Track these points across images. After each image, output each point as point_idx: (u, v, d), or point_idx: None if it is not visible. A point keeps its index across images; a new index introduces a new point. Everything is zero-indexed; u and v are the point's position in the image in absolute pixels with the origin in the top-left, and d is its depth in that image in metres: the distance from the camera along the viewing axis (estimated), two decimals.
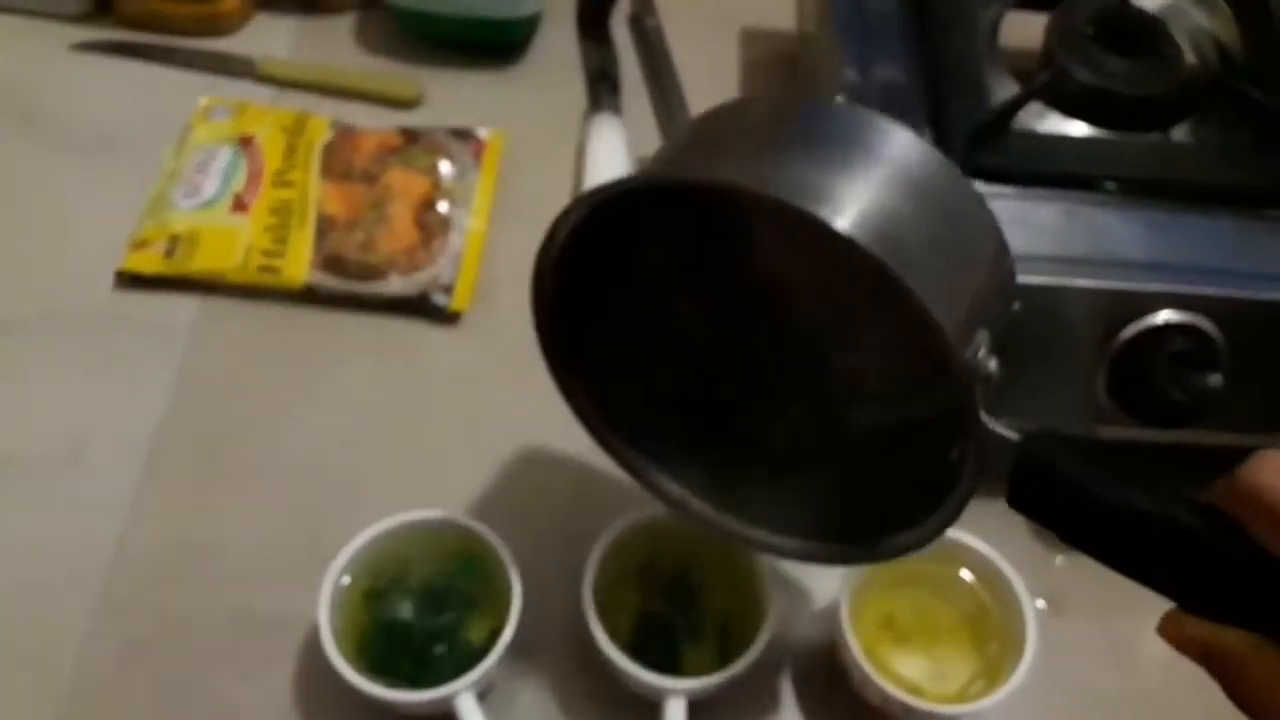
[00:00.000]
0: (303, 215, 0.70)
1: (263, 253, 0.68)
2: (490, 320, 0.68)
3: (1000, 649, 0.54)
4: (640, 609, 0.55)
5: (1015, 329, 0.43)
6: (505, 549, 0.53)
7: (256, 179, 0.71)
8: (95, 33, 0.81)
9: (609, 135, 0.75)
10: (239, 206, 0.70)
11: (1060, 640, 0.56)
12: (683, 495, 0.52)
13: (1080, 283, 0.55)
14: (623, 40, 0.81)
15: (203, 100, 0.76)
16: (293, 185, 0.71)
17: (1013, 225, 0.56)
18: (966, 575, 0.56)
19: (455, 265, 0.69)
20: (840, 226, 0.36)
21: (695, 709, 0.52)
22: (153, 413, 0.63)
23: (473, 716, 0.50)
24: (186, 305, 0.68)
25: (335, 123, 0.75)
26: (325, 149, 0.73)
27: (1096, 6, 0.64)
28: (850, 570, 0.53)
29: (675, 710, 0.51)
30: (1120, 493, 0.37)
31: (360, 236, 0.69)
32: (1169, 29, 0.64)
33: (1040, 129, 0.61)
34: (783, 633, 0.55)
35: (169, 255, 0.68)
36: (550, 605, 0.55)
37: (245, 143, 0.73)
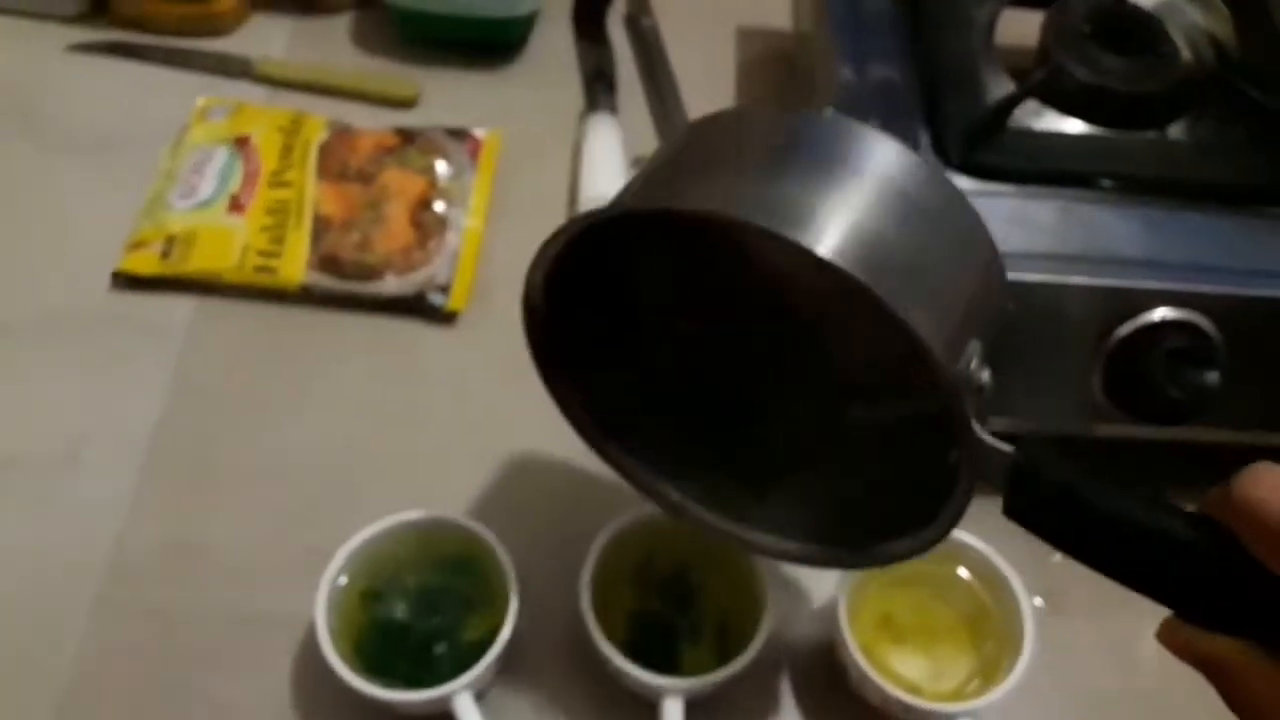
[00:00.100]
0: (299, 215, 0.70)
1: (259, 253, 0.68)
2: (487, 320, 0.68)
3: (998, 647, 0.54)
4: (638, 608, 0.55)
5: (1011, 327, 0.43)
6: (502, 549, 0.53)
7: (253, 179, 0.71)
8: (91, 33, 0.81)
9: (605, 135, 0.75)
10: (235, 207, 0.70)
11: (1058, 638, 0.56)
12: (681, 500, 0.52)
13: (1077, 280, 0.55)
14: (619, 40, 0.81)
15: (199, 100, 0.76)
16: (289, 185, 0.71)
17: (1009, 223, 0.57)
18: (964, 574, 0.56)
19: (452, 265, 0.69)
20: (823, 252, 0.36)
21: (693, 708, 0.52)
22: (150, 413, 0.63)
23: (470, 716, 0.50)
24: (183, 306, 0.68)
25: (332, 123, 0.75)
26: (321, 149, 0.73)
27: (1093, 4, 0.64)
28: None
29: (673, 709, 0.51)
30: (1116, 503, 0.37)
31: (357, 236, 0.69)
32: (1165, 26, 0.64)
33: (1036, 127, 0.61)
34: (781, 632, 0.56)
35: (165, 256, 0.68)
36: (548, 605, 0.55)
37: (241, 143, 0.73)
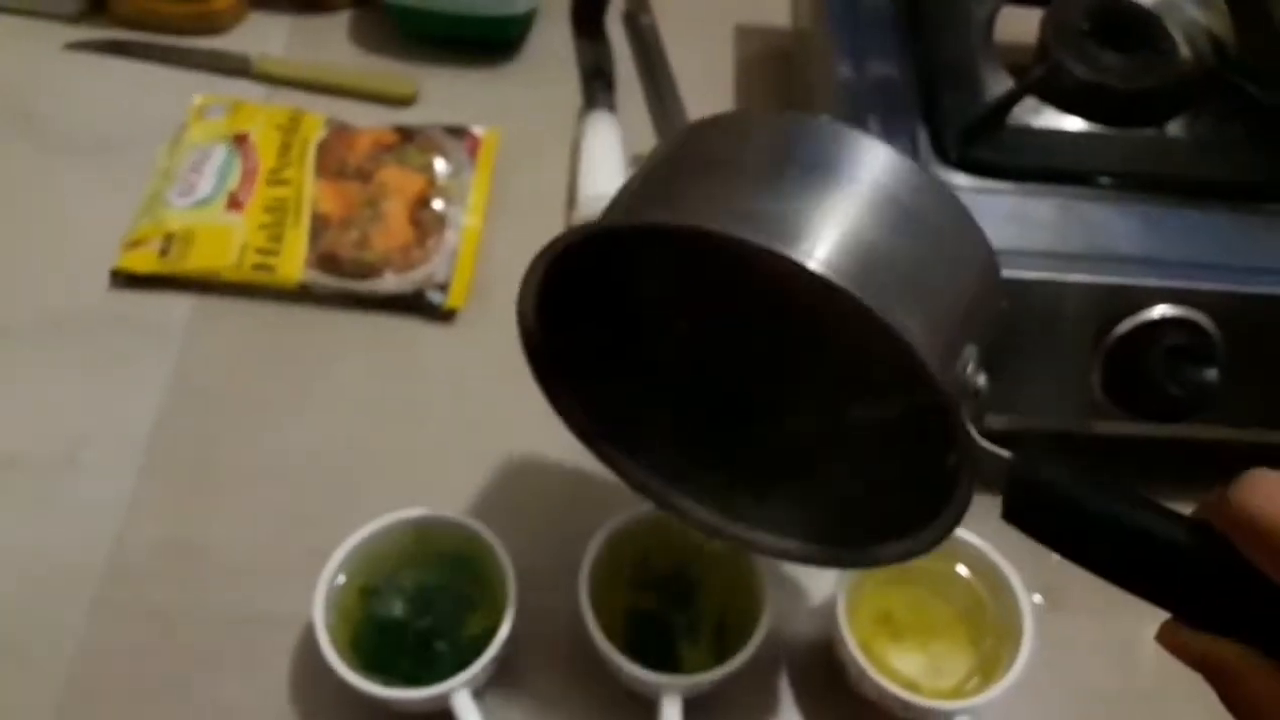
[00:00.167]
0: (297, 213, 0.70)
1: (257, 251, 0.68)
2: (486, 318, 0.68)
3: (997, 644, 0.54)
4: (636, 607, 0.55)
5: (1010, 325, 0.43)
6: (501, 547, 0.53)
7: (251, 177, 0.71)
8: (90, 32, 0.81)
9: (604, 132, 0.75)
10: (234, 205, 0.70)
11: (1057, 635, 0.56)
12: (681, 501, 0.52)
13: (1075, 278, 0.55)
14: (617, 37, 0.81)
15: (197, 99, 0.76)
16: (287, 183, 0.71)
17: (1008, 221, 0.57)
18: (963, 571, 0.56)
19: (450, 263, 0.69)
20: (814, 266, 0.36)
21: (692, 706, 0.52)
22: (148, 412, 0.63)
23: (469, 714, 0.50)
24: (181, 304, 0.68)
25: (330, 120, 0.75)
26: (320, 147, 0.73)
27: (1092, 1, 0.64)
28: None
29: (671, 707, 0.51)
30: (1113, 508, 0.37)
31: (355, 234, 0.69)
32: (1164, 23, 0.64)
33: (1035, 124, 0.61)
34: (779, 629, 0.56)
35: (164, 254, 0.68)
36: (546, 603, 0.54)
37: (240, 141, 0.73)
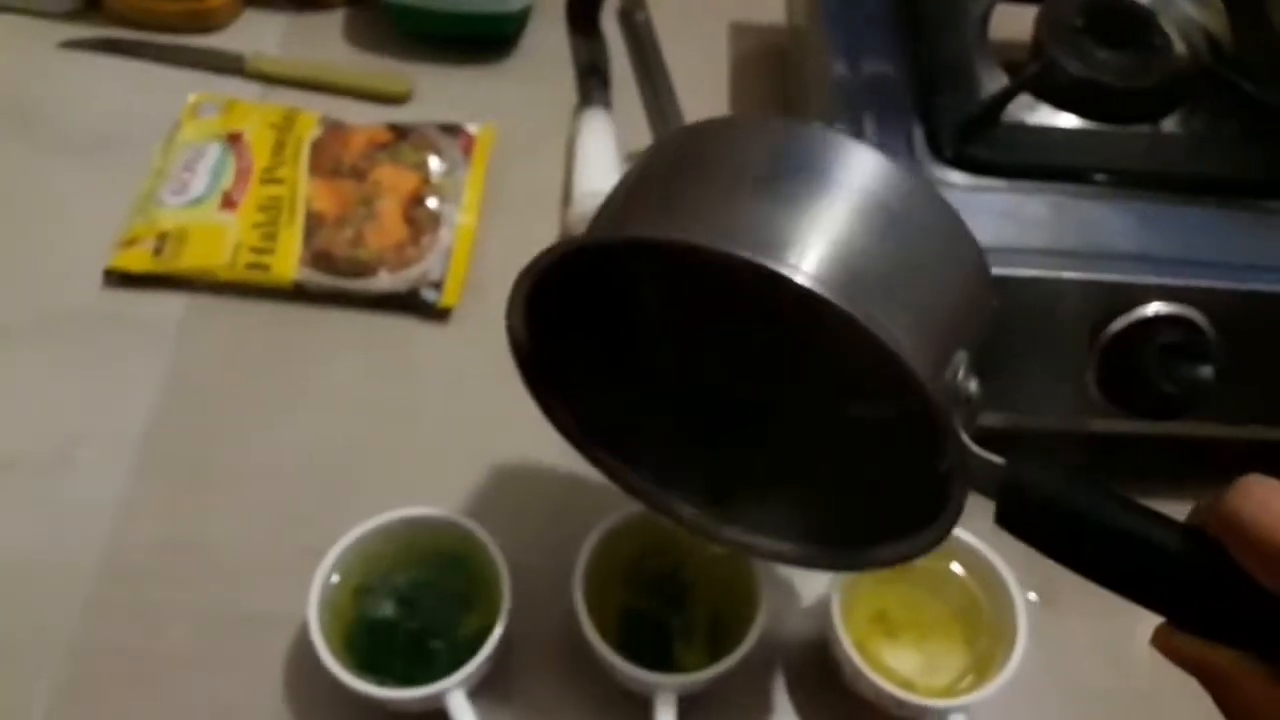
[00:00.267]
0: (291, 212, 0.69)
1: (251, 250, 0.68)
2: (481, 316, 0.68)
3: (991, 643, 0.54)
4: (631, 606, 0.55)
5: (1004, 324, 0.43)
6: (496, 546, 0.53)
7: (245, 176, 0.71)
8: (84, 30, 0.81)
9: (599, 130, 0.75)
10: (227, 204, 0.70)
11: (1052, 634, 0.56)
12: (676, 505, 0.51)
13: (1070, 275, 0.55)
14: (612, 34, 0.81)
15: (191, 97, 0.76)
16: (281, 182, 0.71)
17: (1003, 218, 0.57)
18: (958, 569, 0.56)
19: (445, 261, 0.69)
20: (801, 280, 0.36)
21: (687, 706, 0.52)
22: (142, 411, 0.63)
23: (463, 714, 0.50)
24: (175, 303, 0.67)
25: (324, 119, 0.75)
26: (314, 145, 0.73)
27: None
28: None
29: (665, 706, 0.51)
30: (1106, 515, 0.37)
31: (349, 233, 0.69)
32: (1159, 20, 0.64)
33: (1030, 121, 0.61)
34: (774, 628, 0.56)
35: (157, 253, 0.67)
36: (541, 602, 0.54)
37: (234, 139, 0.73)
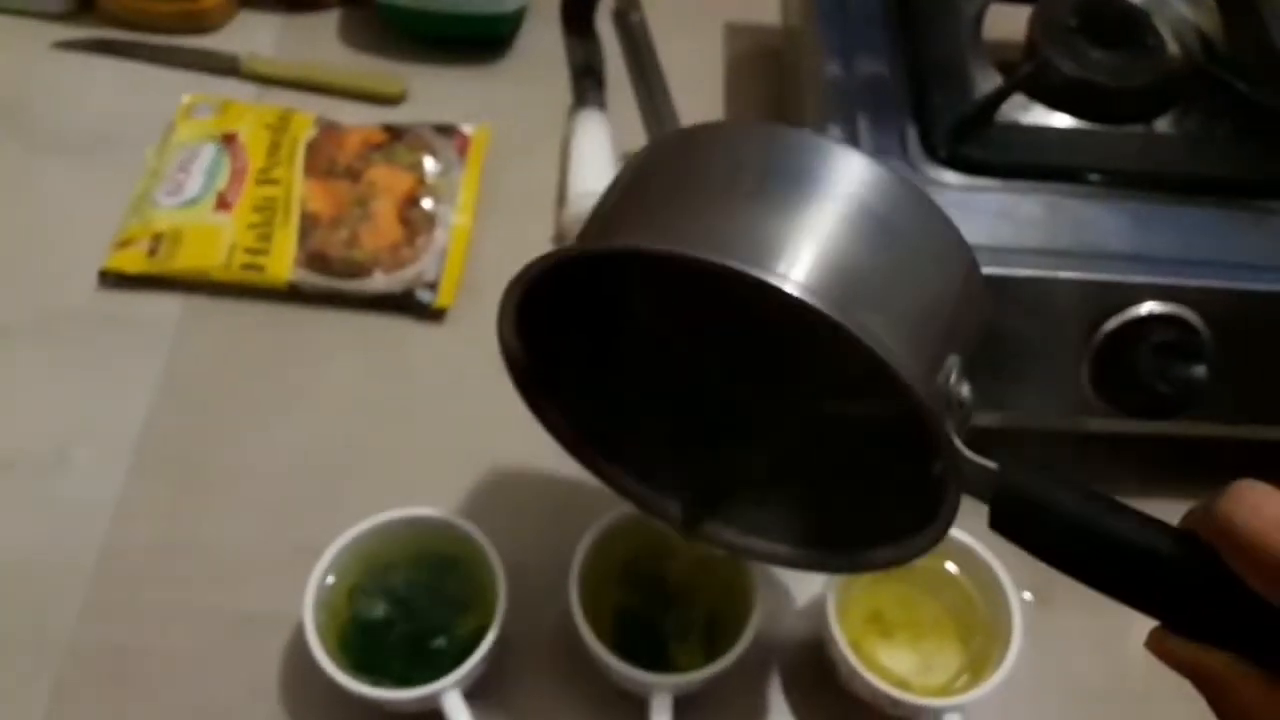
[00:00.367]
0: (286, 213, 0.69)
1: (246, 251, 0.68)
2: (476, 316, 0.68)
3: (987, 642, 0.54)
4: (626, 606, 0.55)
5: (998, 323, 0.43)
6: (491, 547, 0.53)
7: (240, 177, 0.71)
8: (78, 31, 0.81)
9: (594, 130, 0.75)
10: (222, 204, 0.70)
11: (1047, 633, 0.56)
12: (670, 508, 0.51)
13: (1064, 275, 0.55)
14: (607, 35, 0.81)
15: (186, 98, 0.76)
16: (276, 183, 0.71)
17: (996, 218, 0.57)
18: (953, 568, 0.56)
19: (440, 262, 0.69)
20: (790, 289, 0.35)
21: (683, 706, 0.52)
22: (138, 412, 0.63)
23: (459, 714, 0.50)
24: (170, 304, 0.67)
25: (319, 119, 0.75)
26: (309, 146, 0.73)
27: None
28: None
29: (661, 706, 0.51)
30: (1100, 519, 0.37)
31: (344, 234, 0.69)
32: (1152, 20, 0.64)
33: (1024, 121, 0.61)
34: (769, 628, 0.56)
35: (152, 254, 0.67)
36: (537, 602, 0.54)
37: (228, 140, 0.73)
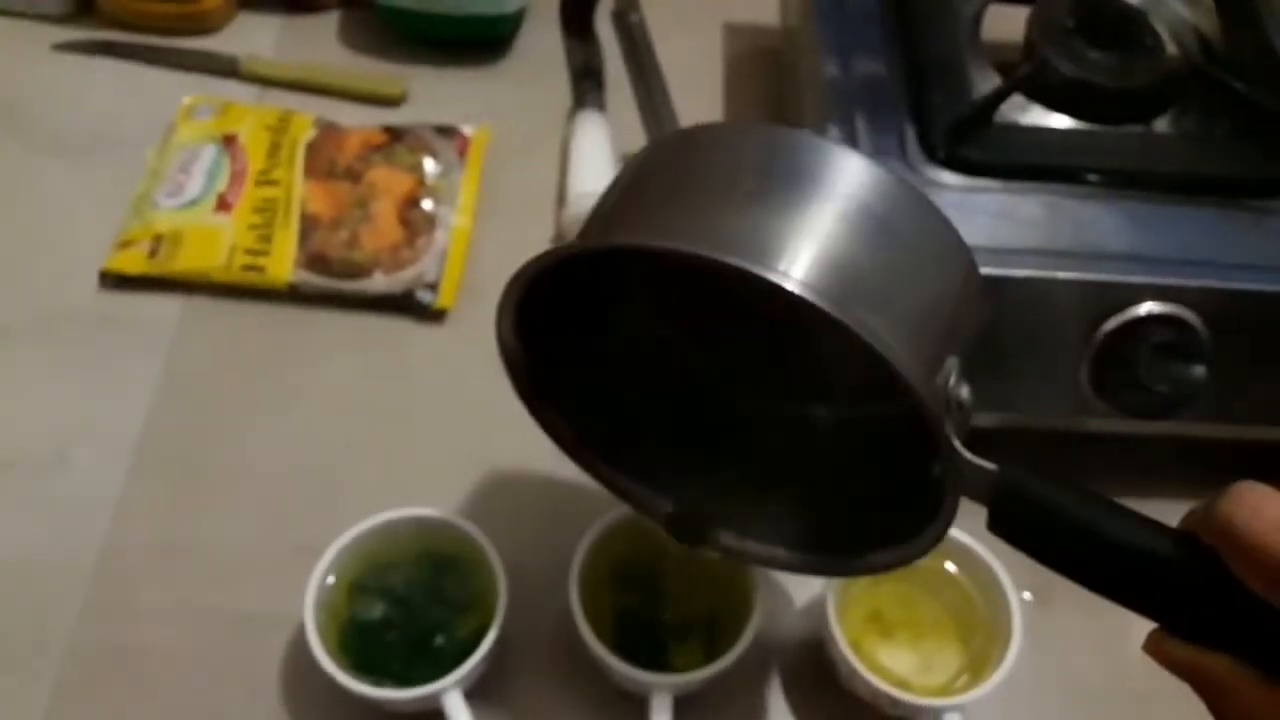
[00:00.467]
0: (287, 214, 0.69)
1: (247, 252, 0.68)
2: (476, 317, 0.68)
3: (986, 641, 0.54)
4: (627, 606, 0.55)
5: (997, 323, 0.43)
6: (491, 547, 0.53)
7: (240, 178, 0.71)
8: (78, 33, 0.81)
9: (593, 131, 0.75)
10: (223, 206, 0.70)
11: (1047, 632, 0.56)
12: (669, 510, 0.51)
13: (1063, 275, 0.55)
14: (607, 36, 0.81)
15: (186, 99, 0.76)
16: (277, 184, 0.71)
17: (995, 218, 0.57)
18: (953, 568, 0.56)
19: (440, 262, 0.69)
20: (791, 287, 0.35)
21: (683, 706, 0.52)
22: (138, 413, 0.63)
23: (460, 714, 0.50)
24: (171, 305, 0.68)
25: (319, 121, 0.75)
26: (309, 147, 0.73)
27: None
28: None
29: (661, 706, 0.51)
30: (1099, 521, 0.37)
31: (345, 235, 0.69)
32: (1150, 20, 0.64)
33: (1022, 121, 0.61)
34: (769, 629, 0.56)
35: (153, 255, 0.67)
36: (537, 602, 0.54)
37: (229, 141, 0.73)
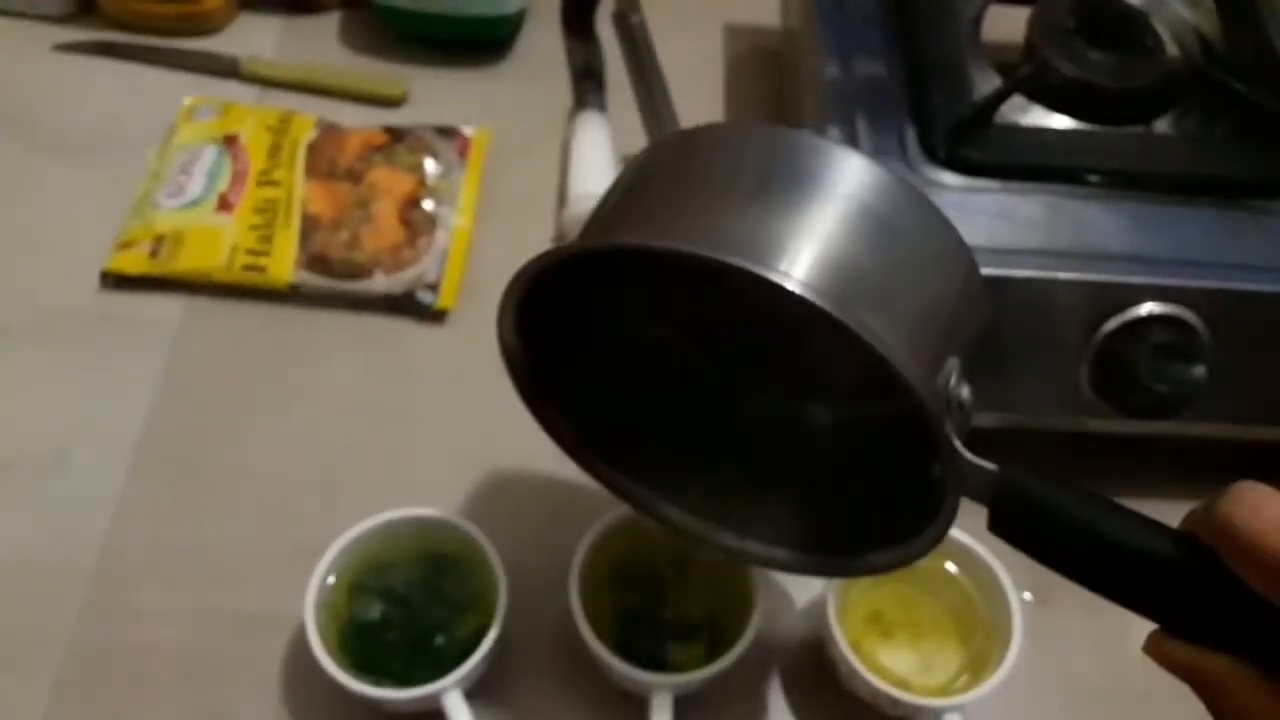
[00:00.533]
0: (288, 214, 0.70)
1: (248, 252, 0.68)
2: (476, 318, 0.68)
3: (987, 642, 0.54)
4: (627, 606, 0.55)
5: (997, 323, 0.43)
6: (491, 547, 0.53)
7: (241, 178, 0.71)
8: (79, 33, 0.81)
9: (594, 132, 0.75)
10: (224, 206, 0.70)
11: (1047, 633, 0.56)
12: (668, 511, 0.51)
13: (1063, 275, 0.55)
14: (607, 37, 0.81)
15: (187, 100, 0.76)
16: (278, 184, 0.71)
17: (996, 219, 0.57)
18: (953, 568, 0.56)
19: (441, 263, 0.69)
20: (792, 286, 0.35)
21: (683, 706, 0.52)
22: (138, 413, 0.63)
23: (460, 714, 0.50)
24: (172, 305, 0.68)
25: (320, 121, 0.75)
26: (310, 148, 0.73)
27: None
28: None
29: (661, 706, 0.51)
30: (1099, 522, 0.37)
31: (345, 235, 0.69)
32: (1151, 21, 0.64)
33: (1023, 122, 0.62)
34: (769, 629, 0.56)
35: (154, 255, 0.68)
36: (537, 602, 0.54)
37: (230, 142, 0.73)
